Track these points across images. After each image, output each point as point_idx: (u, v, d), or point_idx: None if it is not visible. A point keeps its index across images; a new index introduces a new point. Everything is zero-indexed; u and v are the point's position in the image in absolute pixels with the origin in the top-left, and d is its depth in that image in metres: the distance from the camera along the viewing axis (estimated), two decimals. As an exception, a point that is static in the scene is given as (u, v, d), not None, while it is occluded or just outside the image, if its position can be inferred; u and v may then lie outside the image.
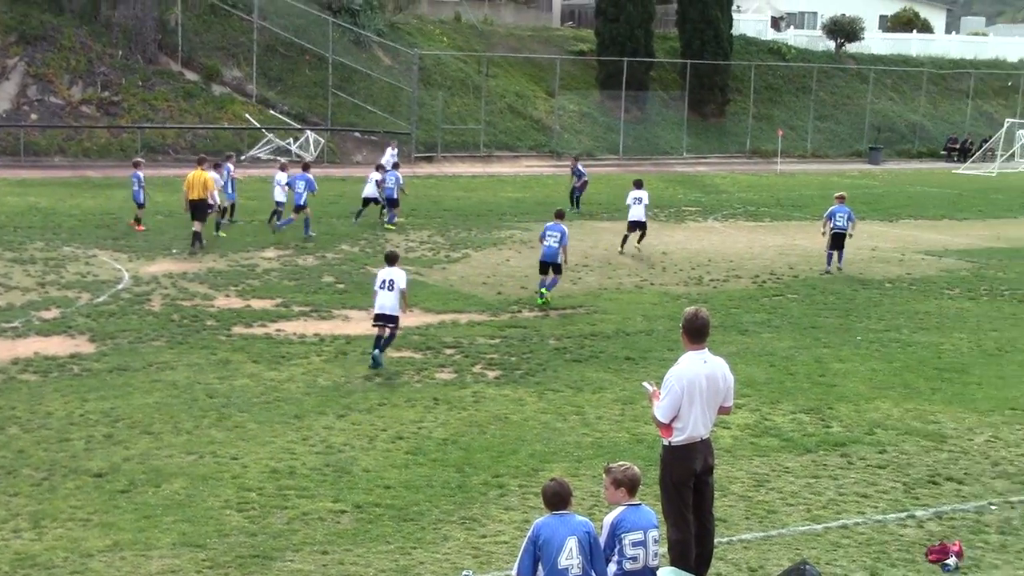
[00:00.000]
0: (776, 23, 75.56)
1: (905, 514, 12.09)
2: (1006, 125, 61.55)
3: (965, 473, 13.41)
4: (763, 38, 70.29)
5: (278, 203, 30.27)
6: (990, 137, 63.59)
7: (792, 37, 72.74)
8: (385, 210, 32.43)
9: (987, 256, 29.95)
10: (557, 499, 8.53)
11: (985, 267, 28.20)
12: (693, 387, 9.87)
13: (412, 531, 11.26)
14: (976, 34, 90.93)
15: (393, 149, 39.30)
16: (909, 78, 71.57)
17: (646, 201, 29.19)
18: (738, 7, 69.46)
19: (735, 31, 64.73)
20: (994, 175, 55.52)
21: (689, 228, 33.68)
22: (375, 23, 55.76)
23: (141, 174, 29.73)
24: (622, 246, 29.06)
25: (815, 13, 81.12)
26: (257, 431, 14.09)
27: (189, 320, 19.95)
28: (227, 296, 22.08)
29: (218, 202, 28.78)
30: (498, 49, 60.47)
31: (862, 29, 71.07)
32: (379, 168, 33.71)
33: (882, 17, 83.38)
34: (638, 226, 29.05)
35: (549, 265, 22.66)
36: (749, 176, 50.87)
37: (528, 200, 39.47)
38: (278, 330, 19.43)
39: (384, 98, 53.41)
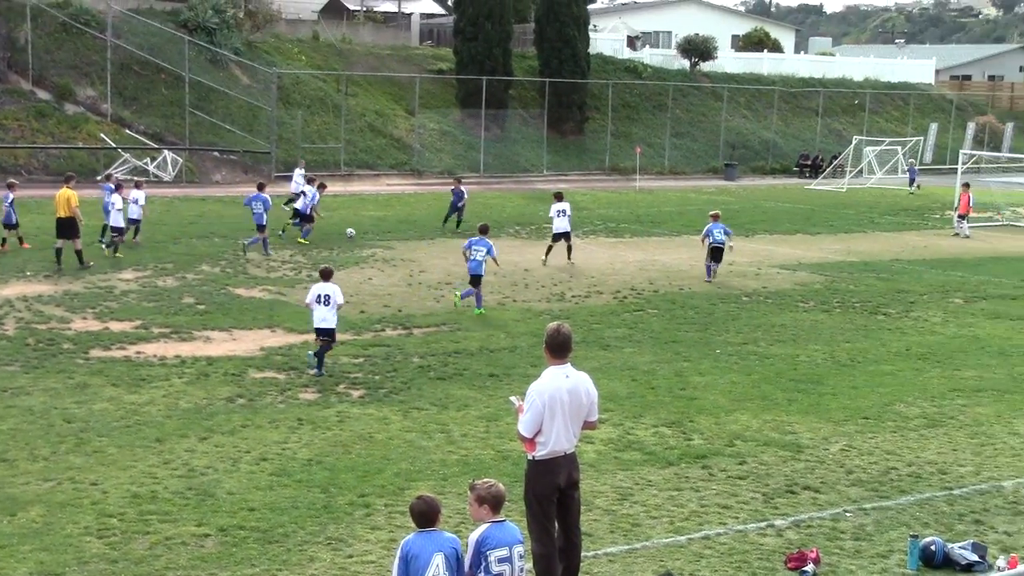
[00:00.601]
0: (632, 42, 76.71)
1: (765, 523, 12.35)
2: (854, 142, 63.35)
3: (821, 482, 13.76)
4: (620, 57, 71.28)
5: (116, 227, 29.34)
6: (839, 154, 65.36)
7: (648, 56, 73.92)
8: (292, 225, 33.17)
9: (839, 269, 30.76)
10: (424, 517, 8.53)
11: (837, 280, 28.95)
12: (554, 401, 9.95)
13: (277, 553, 11.15)
14: (824, 54, 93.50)
15: (301, 169, 39.05)
16: (761, 96, 73.23)
17: (569, 212, 30.60)
18: (594, 26, 70.34)
19: (592, 50, 65.51)
20: (844, 191, 57.06)
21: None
22: (232, 42, 55.13)
23: (12, 195, 29.10)
24: (546, 256, 30.46)
25: (669, 32, 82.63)
26: (117, 456, 13.81)
27: (45, 344, 19.49)
28: (84, 319, 21.62)
29: (120, 224, 29.08)
30: (357, 68, 60.30)
31: (715, 48, 72.56)
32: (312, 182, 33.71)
33: (734, 37, 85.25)
34: (563, 237, 30.43)
35: (479, 278, 23.63)
36: (609, 193, 51.48)
37: (390, 219, 39.40)
38: (138, 352, 19.09)
39: (243, 117, 52.83)
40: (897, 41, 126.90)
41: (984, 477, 14.16)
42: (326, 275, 18.64)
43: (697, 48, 72.05)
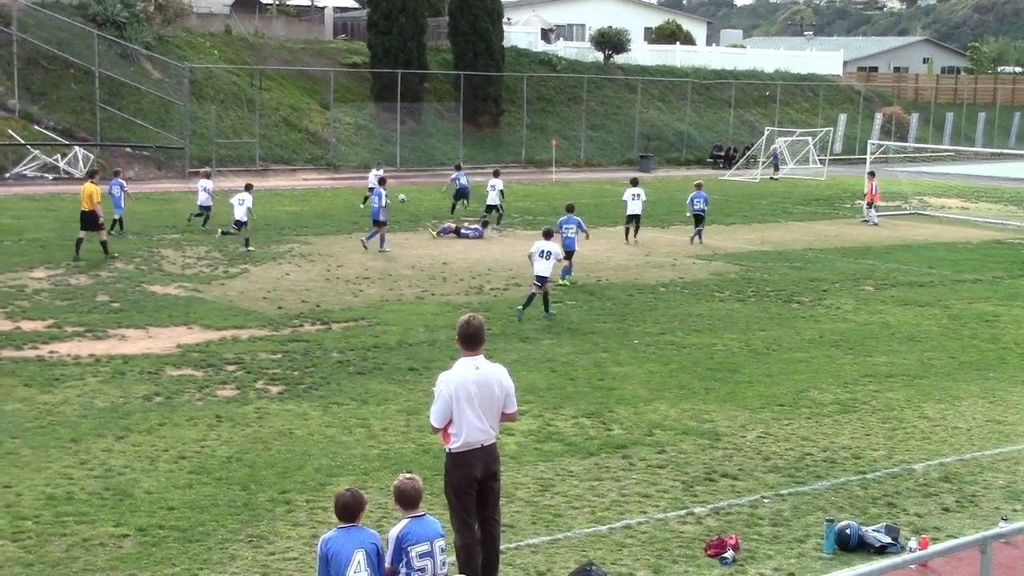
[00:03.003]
0: (546, 35, 76.93)
1: (685, 511, 12.50)
2: (766, 133, 64.10)
3: (739, 469, 13.95)
4: (534, 50, 71.45)
5: (239, 220, 31.12)
6: (752, 144, 66.11)
7: (562, 49, 74.18)
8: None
9: (753, 259, 31.13)
10: (348, 511, 8.53)
11: (752, 270, 29.31)
12: (461, 392, 9.98)
13: (198, 552, 11.08)
14: (735, 46, 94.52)
15: (377, 170, 39.87)
16: (675, 88, 73.83)
17: (643, 197, 34.06)
18: (508, 19, 70.47)
19: (506, 43, 65.64)
20: (757, 181, 57.74)
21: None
22: (142, 36, 54.41)
23: None
24: (626, 236, 33.95)
25: (583, 25, 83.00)
26: (31, 457, 13.62)
27: (-46, 345, 19.14)
28: (-6, 319, 21.27)
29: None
30: (271, 62, 59.84)
31: (628, 41, 73.04)
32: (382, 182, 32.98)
33: (647, 29, 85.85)
34: (635, 219, 33.83)
35: (571, 253, 26.48)
36: (525, 186, 51.59)
37: (307, 214, 39.18)
38: (51, 352, 18.81)
39: (155, 112, 52.20)
40: (806, 33, 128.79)
41: (896, 461, 14.45)
42: (548, 235, 23.06)
43: (611, 40, 72.46)
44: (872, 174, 41.12)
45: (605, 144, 67.25)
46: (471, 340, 10.15)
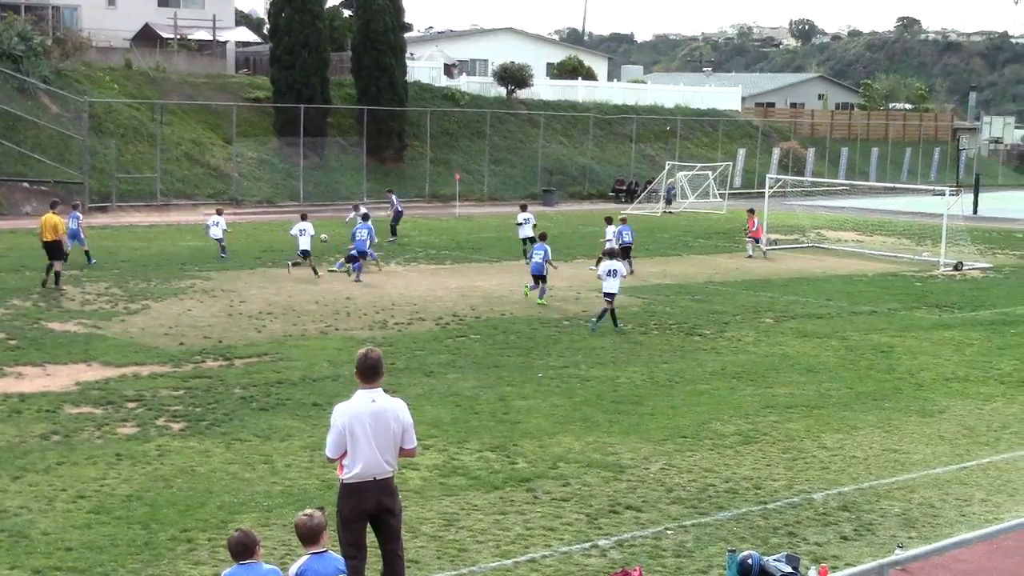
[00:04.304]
0: (449, 70, 77.22)
1: (589, 544, 12.58)
2: (667, 167, 64.84)
3: (643, 501, 14.07)
4: (437, 84, 71.64)
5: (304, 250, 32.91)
6: (654, 179, 66.79)
7: (465, 84, 74.46)
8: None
9: (656, 292, 31.44)
10: (241, 547, 8.51)
11: (654, 303, 29.59)
12: (355, 424, 10.00)
13: (98, 593, 10.91)
14: (636, 81, 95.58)
15: (364, 207, 40.40)
16: (577, 123, 74.44)
17: (533, 220, 37.87)
18: (411, 54, 70.64)
19: (409, 78, 65.77)
20: (659, 215, 58.37)
21: (371, 273, 33.88)
22: (40, 70, 53.64)
23: None
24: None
25: (486, 60, 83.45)
26: (-76, 499, 13.32)
27: None
28: None
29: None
30: (172, 96, 59.31)
31: (531, 76, 73.53)
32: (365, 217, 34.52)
33: (549, 65, 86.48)
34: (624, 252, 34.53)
35: (538, 278, 28.97)
36: (429, 220, 51.64)
37: (209, 249, 38.76)
38: (-56, 391, 18.42)
39: (53, 146, 51.43)
40: (705, 69, 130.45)
41: (796, 491, 14.68)
42: (612, 255, 26.76)
43: (513, 76, 72.92)
44: (752, 211, 41.89)
45: (508, 178, 67.55)
46: (369, 373, 10.17)
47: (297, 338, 23.76)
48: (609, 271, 25.38)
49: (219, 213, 37.69)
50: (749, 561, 11.76)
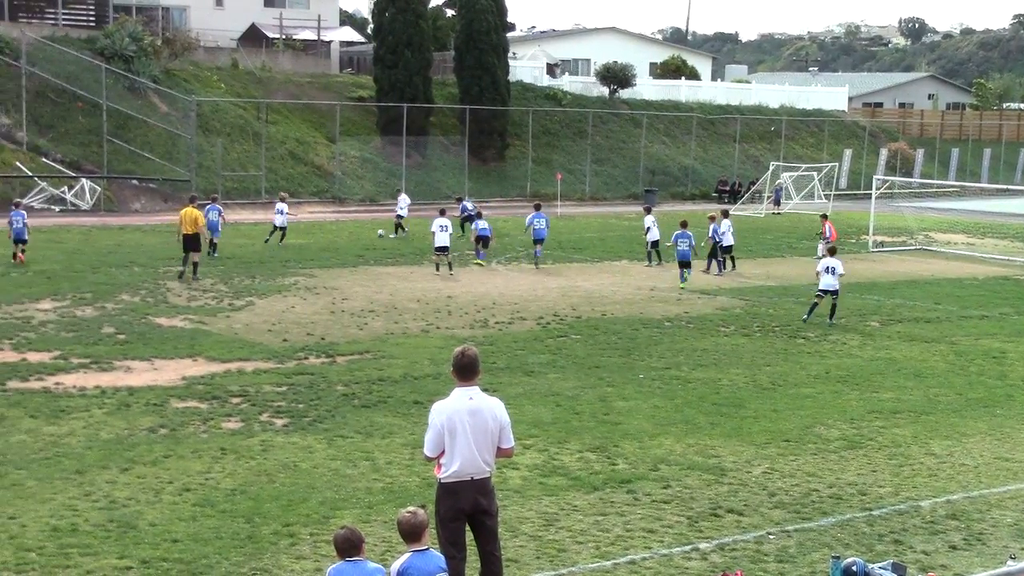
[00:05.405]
0: (551, 70, 77.25)
1: (689, 547, 12.44)
2: (771, 168, 64.19)
3: (744, 504, 13.89)
4: (539, 84, 71.72)
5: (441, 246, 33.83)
6: (757, 179, 66.17)
7: (567, 83, 74.47)
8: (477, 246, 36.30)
9: (758, 294, 31.12)
10: (348, 544, 8.53)
11: (757, 305, 29.28)
12: (454, 422, 9.97)
13: (202, 585, 11.04)
14: (740, 81, 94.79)
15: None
16: (680, 123, 74.01)
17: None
18: (514, 54, 70.79)
19: (512, 77, 65.96)
20: (762, 216, 57.78)
21: (473, 272, 33.99)
22: (150, 70, 54.73)
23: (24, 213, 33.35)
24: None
25: (588, 60, 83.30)
26: (36, 488, 13.59)
27: (-41, 376, 19.14)
28: (0, 350, 21.25)
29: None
30: (277, 96, 60.11)
31: (634, 76, 73.27)
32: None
33: (652, 64, 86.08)
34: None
35: (686, 264, 31.57)
36: (530, 220, 51.56)
37: (311, 247, 39.23)
38: (56, 383, 18.80)
39: (162, 145, 52.42)
40: (811, 69, 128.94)
41: (903, 497, 14.39)
42: (832, 252, 27.60)
43: (616, 75, 72.72)
44: (825, 216, 41.56)
45: (610, 178, 67.38)
46: (465, 371, 10.16)
47: (399, 336, 23.89)
48: (827, 268, 26.59)
49: (283, 200, 40.60)
50: (854, 568, 11.55)
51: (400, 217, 43.84)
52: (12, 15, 60.48)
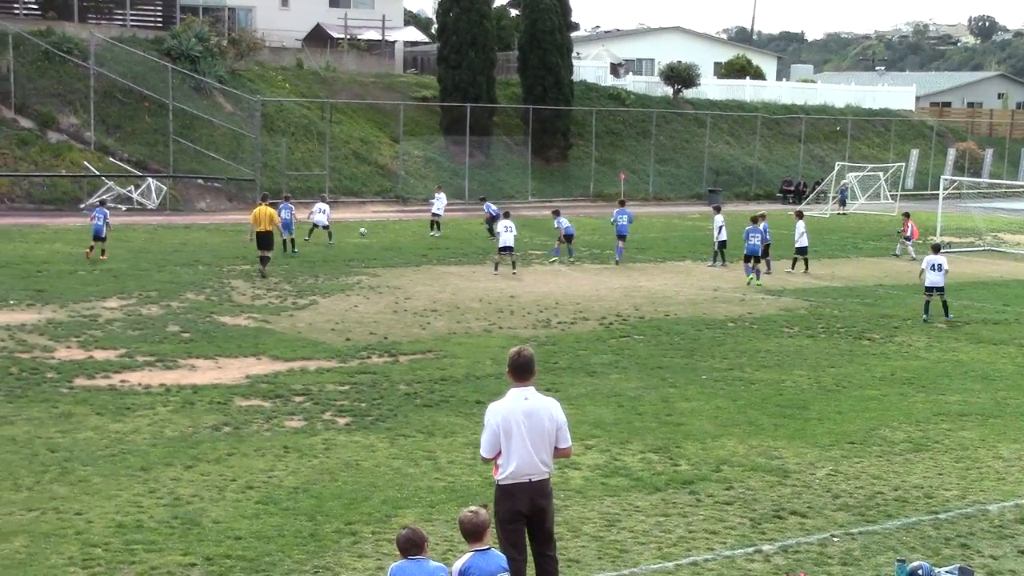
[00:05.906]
0: (615, 69, 77.07)
1: (752, 549, 12.35)
2: (837, 168, 63.60)
3: (808, 507, 13.76)
4: (603, 84, 71.59)
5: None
6: (822, 180, 65.60)
7: (631, 83, 74.27)
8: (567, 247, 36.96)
9: (823, 295, 30.84)
10: (410, 544, 8.54)
11: (821, 306, 29.03)
12: (509, 423, 9.96)
13: (265, 582, 11.11)
14: (805, 81, 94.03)
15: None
16: (744, 123, 73.58)
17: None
18: (577, 54, 70.74)
19: (575, 77, 65.88)
20: (827, 216, 57.28)
21: (536, 271, 33.99)
22: (216, 70, 55.27)
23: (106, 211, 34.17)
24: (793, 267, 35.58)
25: (652, 60, 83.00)
26: (102, 485, 13.75)
27: (28, 373, 19.40)
28: (68, 347, 21.54)
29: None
30: (341, 95, 60.45)
31: (698, 75, 72.98)
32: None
33: (716, 64, 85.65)
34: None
35: (752, 257, 32.52)
36: (593, 219, 51.52)
37: (374, 246, 39.41)
38: (122, 381, 19.02)
39: (227, 145, 52.90)
40: (877, 68, 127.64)
41: (970, 501, 14.19)
42: (936, 249, 27.32)
43: (680, 75, 72.44)
44: (907, 214, 41.46)
45: (674, 178, 67.12)
46: (521, 371, 10.14)
47: (461, 335, 23.93)
48: (933, 265, 26.70)
49: (324, 200, 42.29)
50: (920, 572, 11.41)
51: (436, 215, 43.94)
52: (81, 16, 61.29)
